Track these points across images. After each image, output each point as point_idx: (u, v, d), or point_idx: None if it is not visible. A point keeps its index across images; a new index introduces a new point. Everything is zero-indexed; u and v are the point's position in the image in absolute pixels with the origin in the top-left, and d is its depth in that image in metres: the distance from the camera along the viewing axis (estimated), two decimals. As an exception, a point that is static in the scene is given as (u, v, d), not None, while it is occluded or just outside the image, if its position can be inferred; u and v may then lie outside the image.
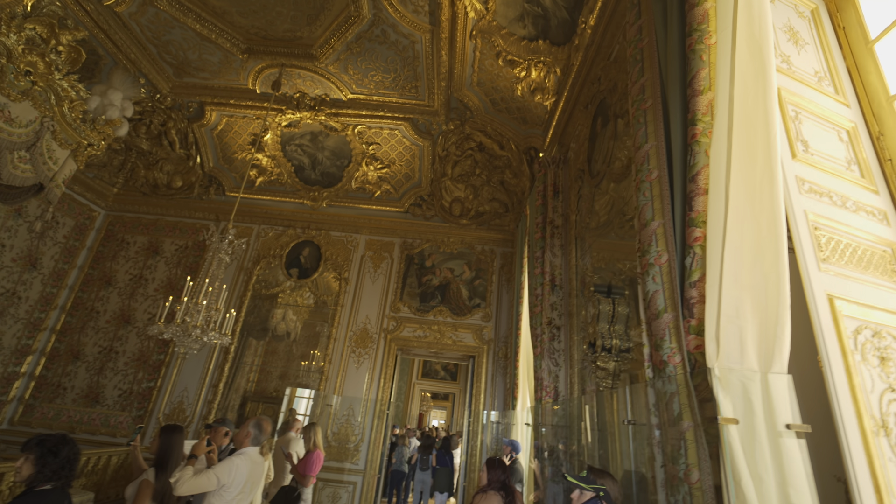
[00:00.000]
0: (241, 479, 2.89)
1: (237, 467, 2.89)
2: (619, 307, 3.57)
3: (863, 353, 1.80)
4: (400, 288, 8.61)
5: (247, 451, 3.05)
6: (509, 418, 6.67)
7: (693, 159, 2.02)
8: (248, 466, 2.97)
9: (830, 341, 1.73)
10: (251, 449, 3.07)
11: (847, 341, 1.77)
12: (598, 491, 2.02)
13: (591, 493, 2.00)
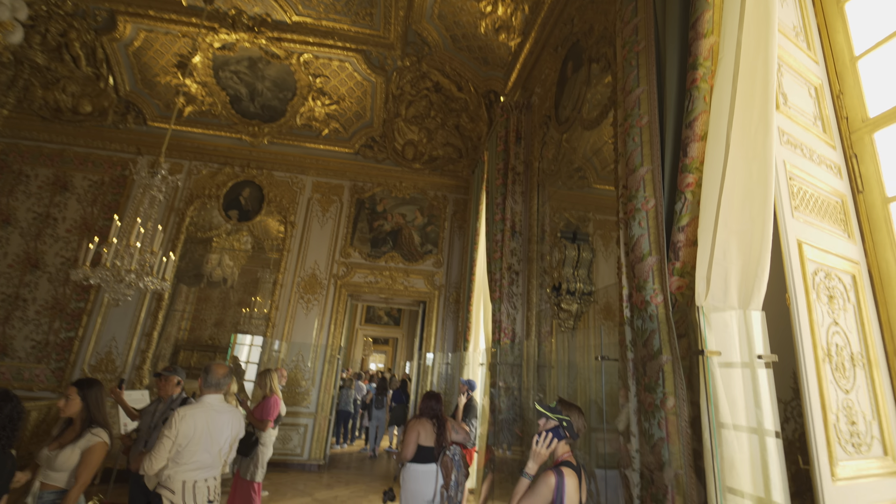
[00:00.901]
0: (190, 433, 2.62)
1: (183, 419, 2.61)
2: (583, 252, 3.70)
3: (817, 293, 2.02)
4: (350, 233, 8.34)
5: (203, 400, 2.80)
6: (461, 359, 6.94)
7: (691, 105, 2.04)
8: (205, 417, 2.70)
9: (798, 282, 1.91)
10: (211, 397, 2.83)
11: (808, 282, 1.97)
12: (561, 420, 2.14)
13: (555, 422, 2.13)
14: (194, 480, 2.59)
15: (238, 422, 2.91)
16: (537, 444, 2.04)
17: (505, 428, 4.37)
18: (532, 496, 1.96)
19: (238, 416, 2.93)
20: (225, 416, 2.81)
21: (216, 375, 2.85)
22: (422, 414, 3.50)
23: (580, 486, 2.04)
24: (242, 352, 8.59)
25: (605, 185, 4.85)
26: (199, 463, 2.61)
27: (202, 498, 2.60)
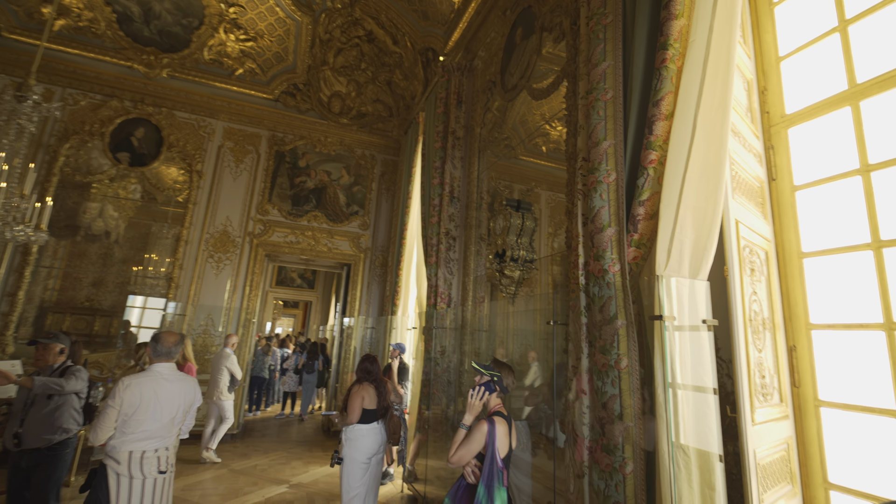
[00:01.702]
0: (136, 402, 2.51)
1: (127, 388, 2.49)
2: (527, 221, 3.81)
3: (745, 266, 2.29)
4: (268, 188, 7.67)
5: (152, 369, 2.68)
6: (389, 323, 6.90)
7: (659, 84, 2.12)
8: (152, 386, 2.58)
9: (735, 257, 2.15)
10: (161, 366, 2.69)
11: (742, 257, 2.22)
12: (493, 376, 2.44)
13: (487, 378, 2.43)
14: (142, 451, 2.49)
15: (191, 390, 2.79)
16: (472, 397, 2.35)
17: (440, 390, 4.48)
18: (468, 442, 2.25)
19: (191, 384, 2.81)
20: (176, 384, 2.70)
21: (166, 344, 2.73)
22: (363, 378, 3.48)
23: (510, 432, 2.36)
24: (133, 315, 7.68)
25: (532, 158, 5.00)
26: (147, 433, 2.51)
27: (151, 468, 2.49)
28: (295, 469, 5.55)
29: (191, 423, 2.91)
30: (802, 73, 2.77)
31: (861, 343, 2.26)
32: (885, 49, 2.29)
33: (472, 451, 2.26)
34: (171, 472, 2.64)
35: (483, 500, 2.15)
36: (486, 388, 2.37)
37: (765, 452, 2.09)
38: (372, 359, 3.63)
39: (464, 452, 2.26)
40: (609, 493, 2.03)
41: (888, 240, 2.17)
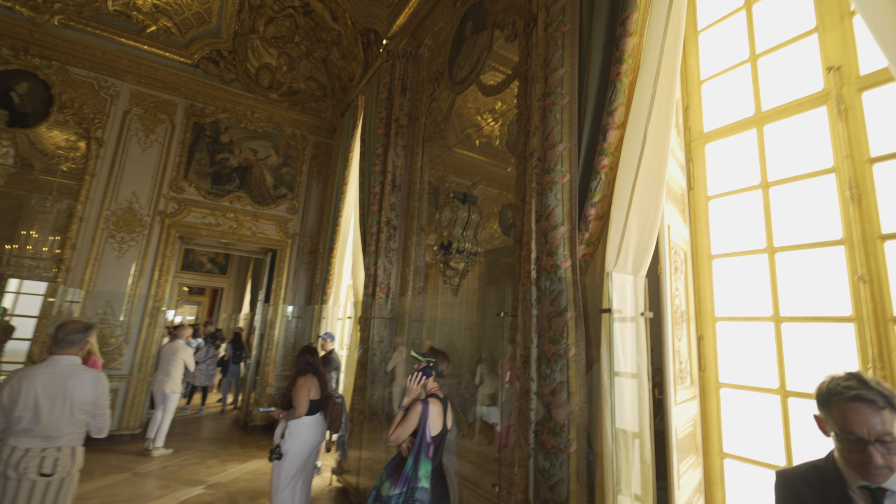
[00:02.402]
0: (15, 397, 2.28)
1: (8, 381, 2.31)
2: (472, 215, 3.90)
3: (671, 265, 2.58)
4: (185, 163, 6.96)
5: (48, 361, 2.46)
6: (318, 312, 6.67)
7: (614, 95, 2.29)
8: (42, 379, 2.36)
9: (667, 256, 2.42)
10: (59, 358, 2.47)
11: (671, 256, 2.51)
12: (429, 362, 2.70)
13: (424, 363, 2.68)
14: (25, 448, 2.27)
15: (90, 386, 2.50)
16: (410, 381, 2.58)
17: (377, 379, 4.45)
18: (405, 422, 2.48)
19: (90, 379, 2.52)
20: (75, 379, 2.45)
21: (65, 331, 2.51)
22: (305, 370, 3.44)
23: (445, 413, 2.62)
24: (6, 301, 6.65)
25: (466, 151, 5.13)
26: (29, 430, 2.28)
27: (29, 469, 2.24)
28: (211, 468, 5.19)
29: (102, 424, 2.61)
30: (719, 96, 3.15)
31: (755, 333, 2.66)
32: (786, 81, 2.70)
33: (408, 430, 2.47)
34: (66, 475, 2.36)
35: (410, 471, 2.40)
36: (423, 374, 2.62)
37: (681, 429, 2.40)
38: (312, 350, 3.59)
39: (401, 431, 2.47)
40: (553, 472, 2.19)
41: (780, 246, 2.57)
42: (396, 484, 2.39)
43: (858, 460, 1.07)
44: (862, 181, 2.18)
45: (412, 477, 2.39)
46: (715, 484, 2.66)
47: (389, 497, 2.37)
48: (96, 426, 2.59)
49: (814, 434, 2.26)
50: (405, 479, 2.39)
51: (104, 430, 2.62)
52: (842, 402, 1.09)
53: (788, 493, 1.21)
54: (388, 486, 2.42)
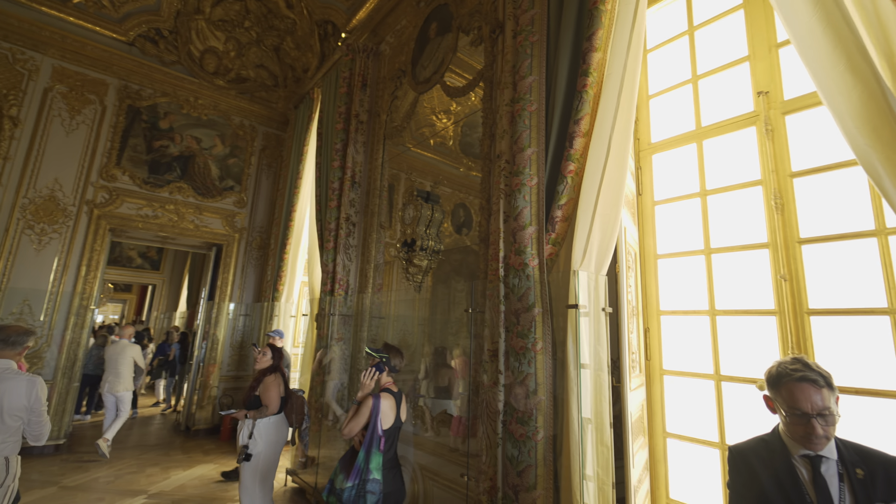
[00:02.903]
0: None
1: None
2: (435, 213, 3.97)
3: (627, 264, 2.82)
4: (117, 149, 6.42)
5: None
6: (268, 310, 6.44)
7: (580, 105, 2.46)
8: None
9: (623, 257, 2.63)
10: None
11: (627, 257, 2.73)
12: (382, 358, 2.82)
13: (377, 359, 2.80)
14: None
15: (28, 390, 2.42)
16: (364, 377, 2.67)
17: (336, 377, 4.41)
18: (358, 416, 2.56)
19: (28, 383, 2.44)
20: (7, 383, 2.36)
21: (5, 333, 2.43)
22: (273, 369, 3.43)
23: (398, 407, 2.71)
24: None
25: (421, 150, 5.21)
26: None
27: None
28: (152, 477, 4.86)
29: (40, 431, 2.50)
30: (665, 111, 3.46)
31: (694, 325, 2.97)
32: (722, 102, 3.02)
33: (360, 423, 2.55)
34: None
35: (361, 464, 2.48)
36: (376, 369, 2.73)
37: (633, 413, 2.63)
38: (276, 348, 3.58)
39: (353, 425, 2.55)
40: (522, 459, 2.33)
41: (716, 248, 2.89)
42: (349, 477, 2.48)
43: (803, 432, 1.27)
44: (784, 193, 2.51)
45: (364, 469, 2.49)
46: (658, 461, 2.94)
47: (342, 490, 2.45)
48: (32, 434, 2.46)
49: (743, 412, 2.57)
50: (357, 471, 2.48)
51: (42, 438, 2.50)
52: (790, 383, 1.29)
53: (741, 464, 1.40)
54: (341, 480, 2.51)
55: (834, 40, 1.61)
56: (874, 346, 2.12)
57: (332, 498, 2.48)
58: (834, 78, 1.59)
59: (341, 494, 2.42)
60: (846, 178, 2.32)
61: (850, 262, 2.28)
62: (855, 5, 1.58)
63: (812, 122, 2.49)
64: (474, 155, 4.38)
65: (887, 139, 1.44)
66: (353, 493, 2.41)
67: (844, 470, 1.27)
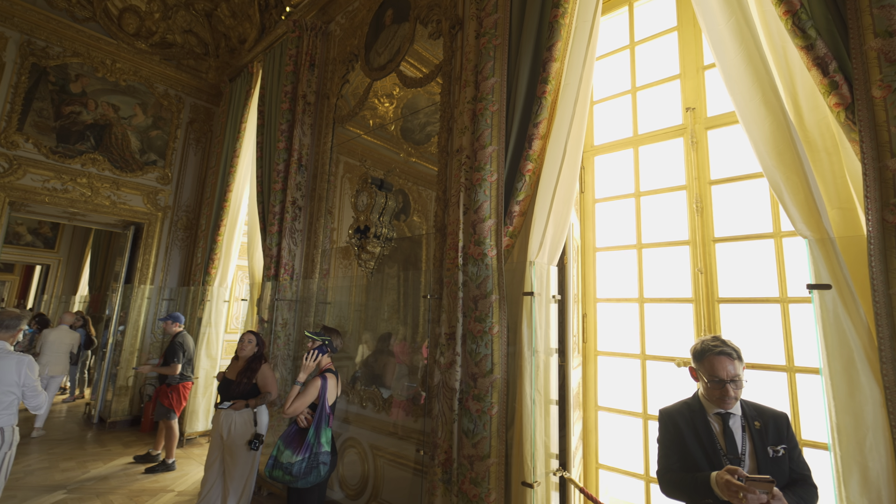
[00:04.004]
0: None
1: None
2: (389, 201, 4.03)
3: (573, 256, 3.11)
4: (18, 112, 5.63)
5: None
6: (197, 294, 6.08)
7: (539, 110, 2.65)
8: None
9: (570, 249, 2.91)
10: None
11: (572, 249, 3.02)
12: (324, 340, 2.95)
13: (319, 342, 2.93)
14: None
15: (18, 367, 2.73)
16: (306, 359, 2.80)
17: (279, 363, 4.33)
18: (304, 395, 2.70)
19: (17, 362, 2.74)
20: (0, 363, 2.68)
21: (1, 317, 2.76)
22: (261, 358, 3.56)
23: (338, 385, 2.94)
24: None
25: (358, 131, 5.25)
26: None
27: None
28: (68, 472, 4.45)
29: (37, 402, 2.83)
30: (607, 117, 3.80)
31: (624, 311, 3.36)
32: (657, 113, 3.40)
33: (306, 402, 2.70)
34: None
35: (312, 440, 2.67)
36: (319, 351, 2.86)
37: (572, 390, 2.95)
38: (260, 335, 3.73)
39: (299, 404, 2.68)
40: (477, 431, 2.53)
41: (646, 243, 3.27)
42: (298, 451, 2.62)
43: (719, 395, 1.58)
44: (704, 197, 2.92)
45: (315, 443, 2.66)
46: (590, 431, 3.31)
47: (292, 464, 2.57)
48: (31, 406, 2.80)
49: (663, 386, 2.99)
50: (307, 446, 2.63)
51: (42, 408, 2.85)
52: (711, 356, 1.59)
53: (669, 422, 1.70)
54: (289, 454, 2.62)
55: (753, 76, 1.94)
56: (768, 328, 2.58)
57: (278, 472, 2.57)
58: (751, 109, 1.92)
59: (290, 468, 2.55)
60: (753, 188, 2.77)
61: (752, 258, 2.74)
62: (770, 49, 1.92)
63: (729, 138, 2.92)
64: (415, 141, 4.45)
65: (788, 162, 1.79)
66: (305, 466, 2.56)
67: (746, 423, 1.60)
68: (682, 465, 1.62)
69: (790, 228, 2.60)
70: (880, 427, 1.47)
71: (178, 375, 4.79)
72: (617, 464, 3.19)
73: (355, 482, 3.60)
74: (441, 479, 2.68)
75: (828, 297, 1.61)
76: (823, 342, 1.62)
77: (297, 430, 2.74)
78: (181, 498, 3.91)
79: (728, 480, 1.37)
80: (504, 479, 2.45)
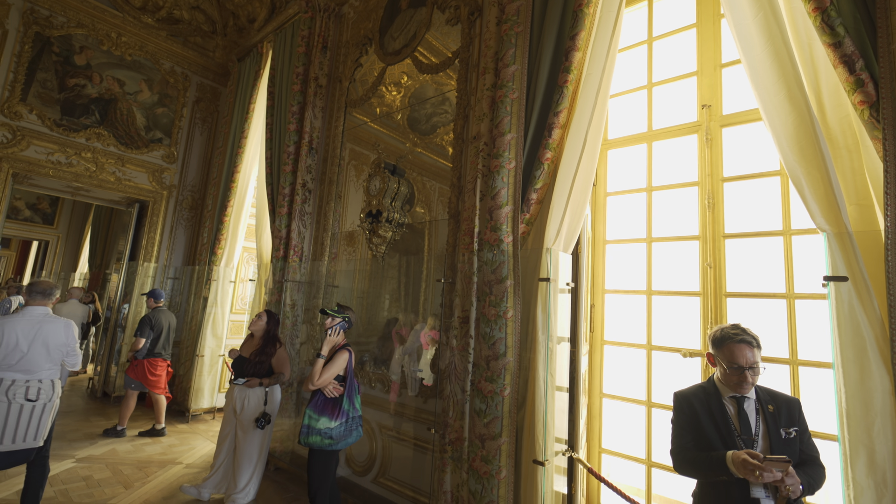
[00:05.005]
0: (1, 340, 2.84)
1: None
2: (401, 187, 4.05)
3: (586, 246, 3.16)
4: (22, 82, 5.56)
5: (24, 311, 3.00)
6: (203, 274, 6.10)
7: (560, 99, 2.68)
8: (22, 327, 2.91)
9: (584, 239, 2.96)
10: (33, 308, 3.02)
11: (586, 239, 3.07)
12: (344, 317, 3.04)
13: (340, 319, 3.01)
14: (12, 380, 2.83)
15: (66, 331, 3.06)
16: (329, 334, 2.92)
17: (287, 343, 4.38)
18: (332, 367, 2.83)
19: (59, 325, 3.04)
20: (49, 325, 2.99)
21: (41, 286, 3.08)
22: (275, 339, 3.69)
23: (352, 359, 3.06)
24: None
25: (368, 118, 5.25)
26: (13, 366, 2.84)
27: (19, 395, 2.83)
28: (75, 442, 4.48)
29: (76, 360, 3.13)
30: (622, 111, 3.83)
31: (632, 302, 3.42)
32: (672, 109, 3.44)
33: (334, 374, 2.84)
34: (48, 401, 2.93)
35: (347, 407, 2.84)
36: (340, 327, 2.99)
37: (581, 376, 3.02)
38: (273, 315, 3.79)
39: (328, 375, 2.81)
40: (489, 412, 2.60)
41: (656, 237, 3.33)
42: (335, 417, 2.76)
43: (737, 380, 1.65)
44: (716, 194, 2.98)
45: (350, 409, 2.83)
46: (594, 417, 3.40)
47: (331, 429, 2.73)
48: (70, 363, 3.11)
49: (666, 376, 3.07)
50: (343, 412, 2.79)
51: (77, 365, 3.15)
52: (731, 343, 1.66)
53: (684, 404, 1.77)
54: (326, 421, 2.75)
55: (778, 72, 1.98)
56: (772, 322, 2.65)
57: (315, 437, 2.70)
58: (776, 104, 1.96)
59: (329, 433, 2.71)
60: (764, 186, 2.83)
61: (760, 254, 2.80)
62: (796, 46, 1.95)
63: (743, 136, 2.96)
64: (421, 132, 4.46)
65: (810, 157, 1.85)
66: (343, 429, 2.77)
67: (760, 406, 1.67)
68: (696, 445, 1.69)
69: (800, 227, 2.68)
70: (888, 413, 1.55)
71: (144, 351, 4.88)
72: (619, 449, 3.28)
73: (363, 459, 3.67)
74: (451, 456, 2.75)
75: (843, 288, 1.68)
76: (837, 332, 1.69)
77: (325, 400, 2.84)
78: (190, 470, 3.98)
79: (745, 459, 1.44)
80: (514, 457, 2.52)
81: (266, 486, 3.75)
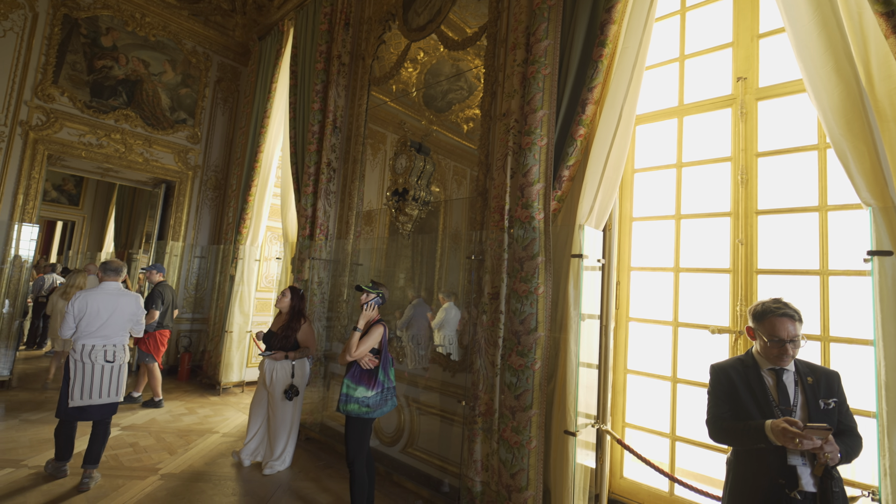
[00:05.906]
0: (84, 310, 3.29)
1: (76, 300, 3.30)
2: (427, 165, 4.07)
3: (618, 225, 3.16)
4: (53, 65, 5.67)
5: (100, 286, 3.42)
6: (230, 252, 6.25)
7: (595, 74, 2.65)
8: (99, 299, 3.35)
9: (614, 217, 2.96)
10: (107, 284, 3.45)
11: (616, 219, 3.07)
12: (379, 293, 3.08)
13: (374, 294, 3.06)
14: (92, 345, 3.29)
15: (132, 303, 3.50)
16: (365, 308, 2.98)
17: (314, 319, 4.51)
18: (368, 340, 2.92)
19: (131, 299, 3.50)
20: (123, 298, 3.46)
21: (113, 265, 3.54)
22: (302, 315, 3.84)
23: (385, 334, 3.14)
24: None
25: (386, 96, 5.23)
26: (95, 333, 3.29)
27: (98, 358, 3.29)
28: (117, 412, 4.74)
29: (139, 328, 3.58)
30: (651, 84, 3.76)
31: (659, 280, 3.43)
32: (704, 82, 3.37)
33: (369, 347, 2.92)
34: (120, 362, 3.39)
35: (383, 378, 2.94)
36: (375, 302, 3.05)
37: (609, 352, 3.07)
38: (297, 290, 3.91)
39: (364, 348, 2.90)
40: (520, 385, 2.68)
41: (685, 214, 3.31)
42: (371, 387, 2.87)
43: (777, 353, 1.68)
44: (750, 169, 2.94)
45: (385, 379, 2.94)
46: (618, 393, 3.45)
47: (368, 397, 2.85)
48: (137, 329, 3.58)
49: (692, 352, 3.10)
50: (379, 383, 2.90)
51: (142, 332, 3.62)
52: (773, 317, 1.68)
53: (722, 376, 1.81)
54: (363, 390, 2.86)
55: (826, 43, 1.93)
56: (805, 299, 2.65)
57: (353, 405, 2.83)
58: (822, 76, 1.92)
59: (367, 401, 2.84)
60: (800, 161, 2.78)
61: (793, 231, 2.78)
62: (845, 16, 1.90)
63: (780, 110, 2.90)
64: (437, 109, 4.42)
65: (857, 131, 1.82)
66: (379, 398, 2.89)
67: (799, 378, 1.70)
68: (733, 415, 1.74)
69: (836, 202, 2.64)
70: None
71: (155, 323, 5.04)
72: (643, 423, 3.34)
73: (391, 431, 3.81)
74: (481, 427, 2.85)
75: (888, 263, 1.68)
76: (879, 306, 1.69)
77: (361, 371, 2.95)
78: (226, 439, 4.19)
79: (785, 427, 1.48)
80: (544, 428, 2.60)
81: (299, 454, 3.93)
